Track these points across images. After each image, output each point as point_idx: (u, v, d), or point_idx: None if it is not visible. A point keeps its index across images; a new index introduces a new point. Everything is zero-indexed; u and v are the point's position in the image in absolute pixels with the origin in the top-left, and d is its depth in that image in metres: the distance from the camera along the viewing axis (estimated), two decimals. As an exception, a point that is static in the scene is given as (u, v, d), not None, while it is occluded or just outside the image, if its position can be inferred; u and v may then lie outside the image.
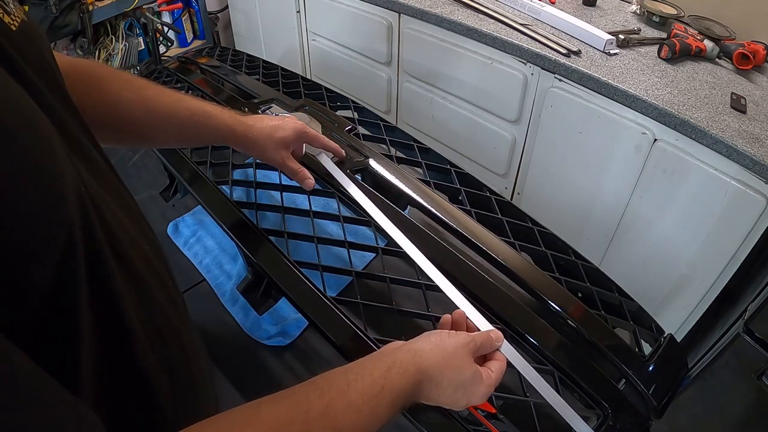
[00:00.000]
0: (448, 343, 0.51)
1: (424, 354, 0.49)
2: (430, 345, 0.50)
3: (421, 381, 0.47)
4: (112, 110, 0.60)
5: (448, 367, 0.49)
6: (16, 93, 0.29)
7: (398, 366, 0.46)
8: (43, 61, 0.36)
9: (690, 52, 1.33)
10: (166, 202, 1.34)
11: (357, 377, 0.44)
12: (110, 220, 0.36)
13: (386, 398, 0.44)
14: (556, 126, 1.41)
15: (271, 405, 0.39)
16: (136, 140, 0.69)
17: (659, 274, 1.34)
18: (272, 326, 1.08)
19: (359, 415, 0.42)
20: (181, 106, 0.66)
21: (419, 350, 0.49)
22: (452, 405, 0.51)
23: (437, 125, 1.76)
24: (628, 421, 0.66)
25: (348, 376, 0.44)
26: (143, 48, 2.11)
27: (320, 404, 0.40)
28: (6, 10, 0.32)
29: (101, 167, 0.41)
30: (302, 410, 0.39)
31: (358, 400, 0.42)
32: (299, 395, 0.41)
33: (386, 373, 0.45)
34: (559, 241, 0.89)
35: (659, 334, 0.79)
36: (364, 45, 1.82)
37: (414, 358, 0.48)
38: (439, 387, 0.49)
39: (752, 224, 1.11)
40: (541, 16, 1.49)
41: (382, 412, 0.43)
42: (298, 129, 0.74)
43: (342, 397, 0.41)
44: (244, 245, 0.82)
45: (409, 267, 0.82)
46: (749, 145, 1.06)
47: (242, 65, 1.35)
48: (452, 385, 0.49)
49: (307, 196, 0.91)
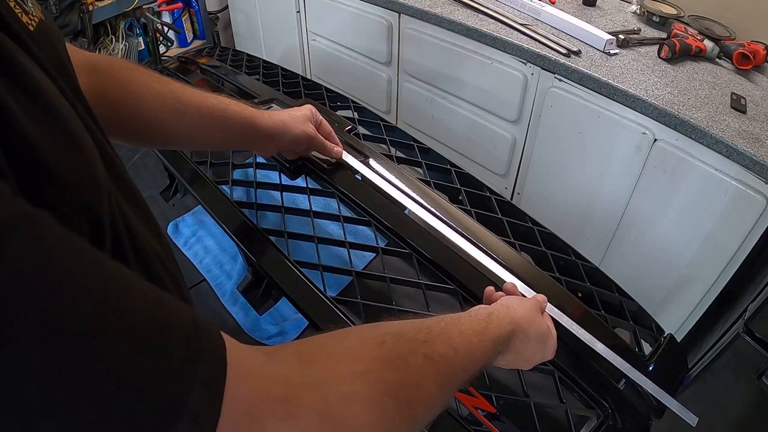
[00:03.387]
0: (526, 301, 0.58)
1: (514, 308, 0.54)
2: (516, 302, 0.56)
3: (515, 331, 0.52)
4: (141, 103, 0.60)
5: (533, 321, 0.55)
6: (52, 87, 0.30)
7: (496, 315, 0.51)
8: (60, 60, 0.36)
9: (690, 52, 1.33)
10: (166, 202, 1.34)
11: (465, 316, 0.48)
12: (128, 216, 0.37)
13: (490, 336, 0.47)
14: (556, 126, 1.41)
15: (397, 322, 0.42)
16: (159, 139, 0.68)
17: (659, 274, 1.34)
18: (272, 326, 1.08)
19: (470, 343, 0.45)
20: (209, 96, 0.67)
21: (510, 305, 0.55)
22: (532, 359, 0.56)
23: (437, 125, 1.76)
24: (629, 421, 0.66)
25: (458, 314, 0.48)
26: (143, 48, 2.11)
27: (438, 326, 0.43)
28: (24, 9, 0.32)
29: (117, 166, 0.41)
30: (426, 326, 0.42)
31: (468, 330, 0.45)
32: (420, 318, 0.44)
33: (487, 317, 0.50)
34: (559, 240, 0.89)
35: (659, 334, 0.79)
36: (364, 45, 1.82)
37: (508, 311, 0.53)
38: (527, 338, 0.53)
39: (752, 224, 1.11)
40: (541, 16, 1.49)
41: (487, 347, 0.47)
42: (311, 108, 0.78)
43: (454, 326, 0.45)
44: (244, 245, 0.82)
45: (409, 267, 0.82)
46: (749, 145, 1.06)
47: (242, 65, 1.35)
48: (536, 335, 0.55)
49: (308, 196, 0.91)
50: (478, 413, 0.63)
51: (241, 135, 0.71)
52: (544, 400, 0.66)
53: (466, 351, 0.43)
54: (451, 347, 0.42)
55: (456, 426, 0.61)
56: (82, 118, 0.34)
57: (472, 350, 0.44)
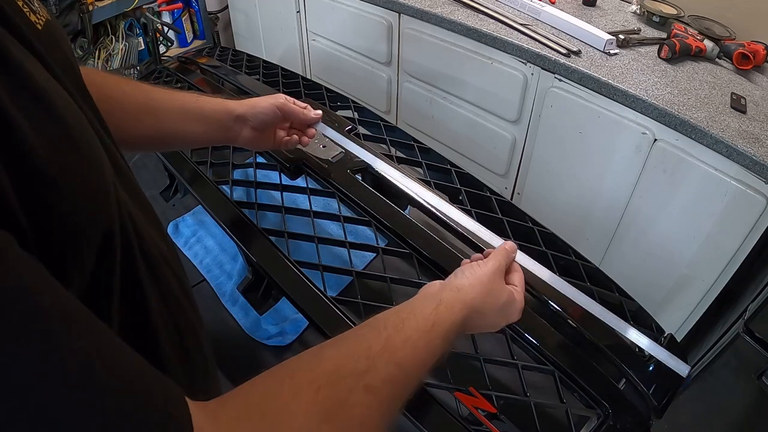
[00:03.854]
0: (482, 273, 0.54)
1: (465, 289, 0.51)
2: (469, 279, 0.53)
3: (468, 314, 0.50)
4: (114, 104, 0.59)
5: (489, 296, 0.52)
6: (60, 89, 0.30)
7: (445, 303, 0.49)
8: (67, 60, 0.36)
9: (690, 52, 1.33)
10: (166, 202, 1.34)
11: (409, 315, 0.46)
12: (136, 218, 0.38)
13: (439, 333, 0.46)
14: (556, 126, 1.41)
15: (333, 348, 0.40)
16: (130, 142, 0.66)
17: (659, 274, 1.34)
18: (272, 326, 1.08)
19: (416, 349, 0.43)
20: (178, 92, 0.68)
21: (461, 287, 0.52)
22: (494, 328, 0.55)
23: (437, 125, 1.76)
24: (629, 421, 0.66)
25: (400, 315, 0.46)
26: (143, 48, 2.11)
27: (379, 341, 0.42)
28: (32, 8, 0.32)
29: (122, 166, 0.41)
30: (364, 347, 0.40)
31: (414, 334, 0.44)
32: (358, 336, 0.43)
33: (435, 310, 0.47)
34: (559, 240, 0.89)
35: (659, 334, 0.79)
36: (364, 45, 1.82)
37: (458, 294, 0.51)
38: (483, 316, 0.52)
39: (752, 224, 1.11)
40: (541, 16, 1.49)
41: (436, 345, 0.45)
42: (281, 94, 0.76)
43: (398, 333, 0.43)
44: (244, 245, 0.82)
45: (409, 267, 0.82)
46: (749, 145, 1.06)
47: (242, 65, 1.35)
48: (494, 310, 0.53)
49: (308, 196, 0.91)
50: (478, 413, 0.63)
51: (217, 123, 0.71)
52: (544, 400, 0.66)
53: (413, 362, 0.42)
54: (395, 364, 0.40)
55: (456, 426, 0.61)
56: (90, 122, 0.34)
57: (421, 357, 0.43)
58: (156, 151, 0.99)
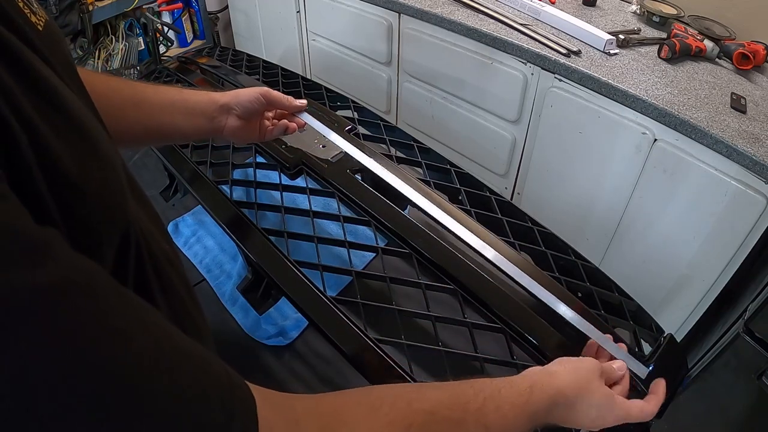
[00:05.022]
0: (580, 365, 0.54)
1: (559, 376, 0.52)
2: (565, 368, 0.53)
3: (557, 401, 0.50)
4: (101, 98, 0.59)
5: (581, 389, 0.52)
6: (68, 90, 0.31)
7: (539, 385, 0.49)
8: (67, 61, 0.36)
9: (690, 52, 1.33)
10: (166, 202, 1.34)
11: (506, 387, 0.47)
12: (142, 220, 0.38)
13: (528, 411, 0.47)
14: (556, 126, 1.41)
15: (434, 390, 0.42)
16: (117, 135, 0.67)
17: (659, 274, 1.34)
18: (272, 326, 1.08)
19: (504, 420, 0.44)
20: (162, 86, 0.68)
21: (555, 372, 0.52)
22: (587, 425, 0.54)
23: (437, 125, 1.76)
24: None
25: (498, 384, 0.47)
26: (143, 48, 2.11)
27: (477, 400, 0.43)
28: (32, 9, 0.32)
29: (125, 166, 0.41)
30: (462, 401, 0.42)
31: (505, 405, 0.45)
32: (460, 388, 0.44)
33: (529, 389, 0.48)
34: (559, 240, 0.89)
35: (659, 333, 0.79)
36: (364, 45, 1.82)
37: (551, 379, 0.51)
38: (573, 408, 0.51)
39: (752, 224, 1.11)
40: (541, 16, 1.49)
41: (522, 423, 0.46)
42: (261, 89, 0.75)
43: (493, 400, 0.44)
44: (244, 245, 0.82)
45: (409, 267, 0.82)
46: (749, 145, 1.06)
47: (242, 65, 1.35)
48: (585, 405, 0.52)
49: (307, 196, 0.91)
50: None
51: (202, 114, 0.71)
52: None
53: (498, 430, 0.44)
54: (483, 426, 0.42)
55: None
56: None
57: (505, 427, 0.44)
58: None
